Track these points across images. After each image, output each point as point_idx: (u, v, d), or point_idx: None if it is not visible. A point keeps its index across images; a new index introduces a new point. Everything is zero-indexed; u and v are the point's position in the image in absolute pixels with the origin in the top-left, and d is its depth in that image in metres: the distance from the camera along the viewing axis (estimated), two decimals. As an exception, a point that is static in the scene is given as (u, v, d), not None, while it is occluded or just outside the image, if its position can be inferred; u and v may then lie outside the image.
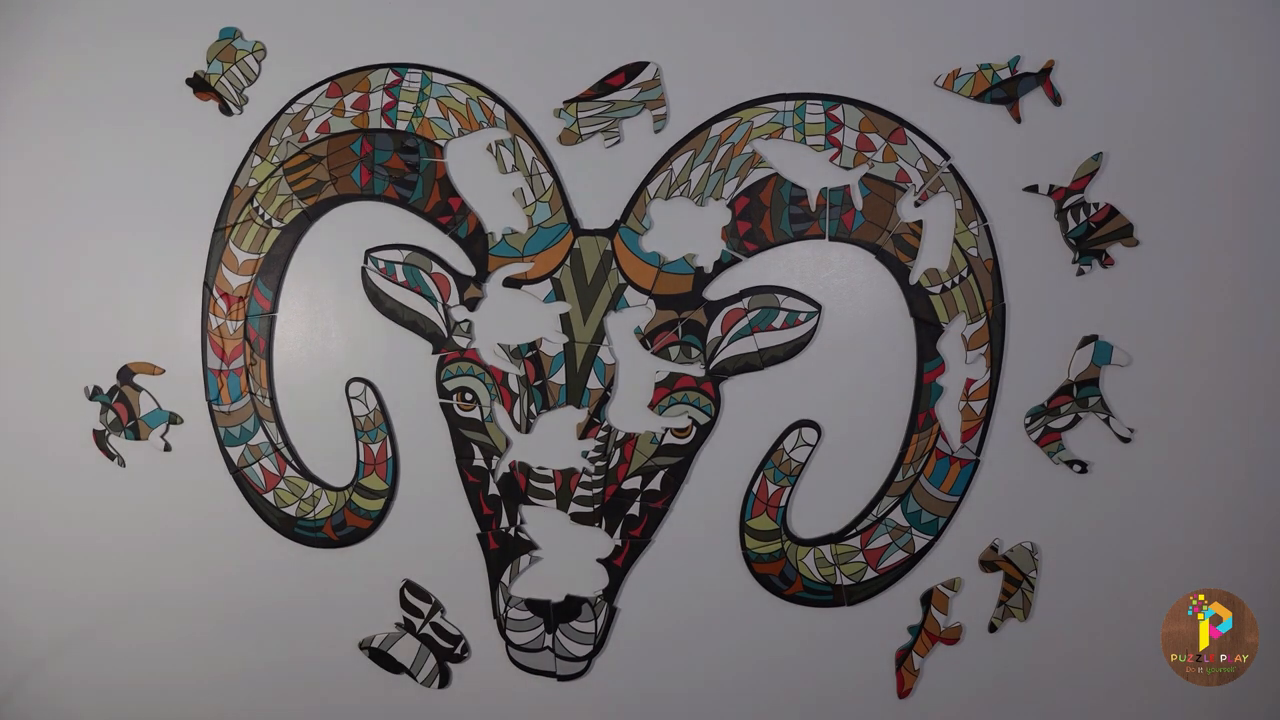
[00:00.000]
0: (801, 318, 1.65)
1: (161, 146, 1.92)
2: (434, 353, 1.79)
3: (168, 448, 1.96)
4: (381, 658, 1.91)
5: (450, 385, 1.79)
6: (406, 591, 1.88)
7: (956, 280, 1.59)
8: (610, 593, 1.78)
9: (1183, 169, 1.52)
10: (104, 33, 1.95)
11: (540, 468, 1.77)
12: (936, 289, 1.60)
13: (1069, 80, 1.54)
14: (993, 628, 1.65)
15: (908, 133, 1.59)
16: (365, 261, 1.80)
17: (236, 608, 1.98)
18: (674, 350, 1.69)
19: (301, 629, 1.95)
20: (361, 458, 1.86)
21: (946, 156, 1.58)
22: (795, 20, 1.64)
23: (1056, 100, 1.54)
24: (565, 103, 1.70)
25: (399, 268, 1.78)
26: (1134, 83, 1.53)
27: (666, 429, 1.71)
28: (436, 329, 1.78)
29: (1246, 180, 1.52)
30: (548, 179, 1.72)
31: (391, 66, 1.79)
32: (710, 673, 1.79)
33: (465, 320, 1.76)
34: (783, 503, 1.70)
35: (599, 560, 1.77)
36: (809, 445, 1.67)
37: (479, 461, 1.79)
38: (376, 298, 1.80)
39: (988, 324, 1.59)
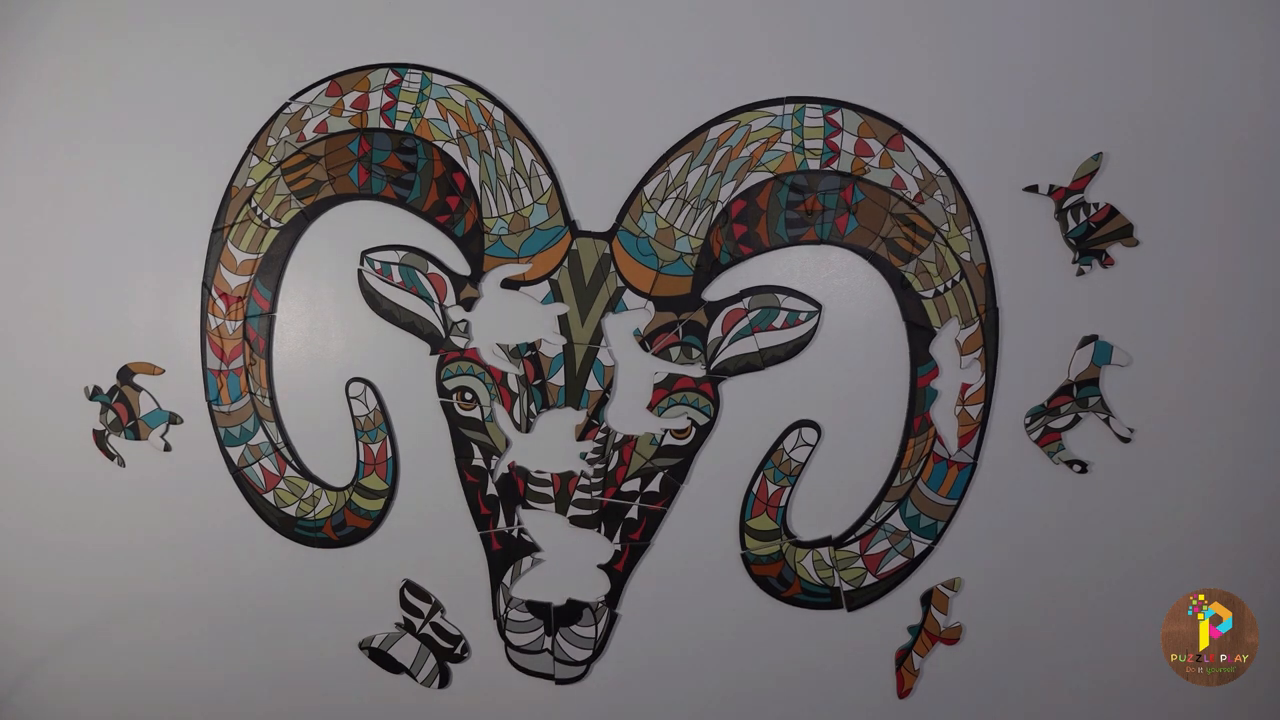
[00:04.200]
0: (802, 317, 1.64)
1: (159, 146, 1.92)
2: (432, 353, 1.79)
3: (168, 448, 1.96)
4: (381, 658, 1.92)
5: (450, 384, 1.79)
6: (406, 591, 1.88)
7: (949, 285, 1.59)
8: (612, 599, 1.78)
9: (1183, 169, 1.52)
10: (103, 32, 1.94)
11: (539, 471, 1.76)
12: (929, 293, 1.60)
13: (1069, 80, 1.54)
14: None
15: (906, 139, 1.58)
16: (361, 263, 1.79)
17: (236, 608, 1.99)
18: (675, 351, 1.69)
19: (301, 629, 1.96)
20: (361, 458, 1.86)
21: (944, 166, 1.58)
22: (794, 23, 1.63)
23: None
24: None
25: (395, 269, 1.78)
26: (1134, 83, 1.52)
27: (666, 430, 1.71)
28: (434, 329, 1.78)
29: (1246, 180, 1.51)
30: (546, 181, 1.71)
31: (391, 66, 1.79)
32: (709, 675, 1.79)
33: (463, 320, 1.76)
34: (783, 503, 1.69)
35: (599, 566, 1.77)
36: (809, 445, 1.67)
37: (478, 461, 1.79)
38: (373, 299, 1.80)
39: (981, 329, 1.59)
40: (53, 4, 1.97)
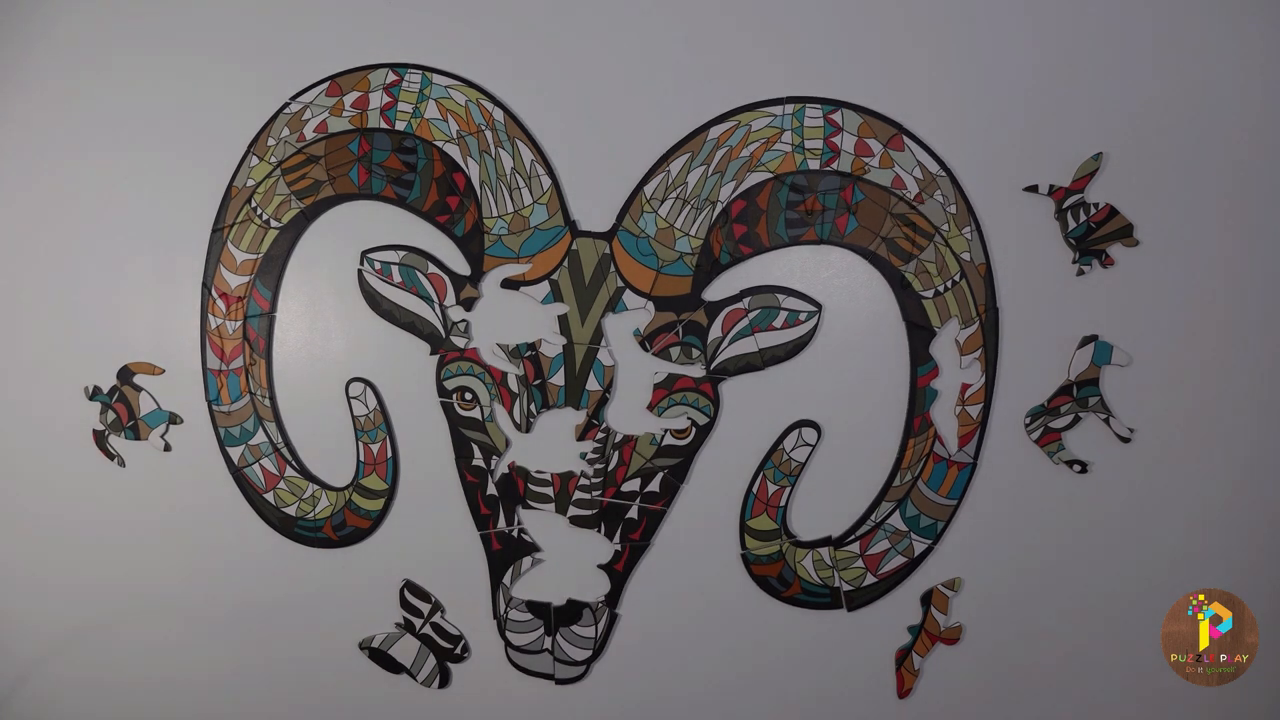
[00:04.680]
0: (802, 317, 1.64)
1: (159, 146, 1.91)
2: (432, 353, 1.79)
3: (168, 448, 1.96)
4: (381, 658, 1.92)
5: (450, 384, 1.79)
6: (406, 591, 1.88)
7: (949, 285, 1.59)
8: (612, 599, 1.78)
9: (1182, 169, 1.51)
10: (103, 32, 1.94)
11: (539, 471, 1.76)
12: (929, 293, 1.60)
13: (1069, 80, 1.53)
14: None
15: (906, 139, 1.58)
16: (361, 263, 1.79)
17: (236, 608, 1.99)
18: (675, 351, 1.69)
19: (301, 629, 1.96)
20: (361, 458, 1.86)
21: (944, 166, 1.58)
22: (794, 23, 1.63)
23: None
24: None
25: (395, 269, 1.78)
26: (1134, 83, 1.52)
27: (666, 430, 1.71)
28: (434, 329, 1.78)
29: (1246, 180, 1.51)
30: (546, 181, 1.71)
31: (391, 66, 1.79)
32: (709, 676, 1.79)
33: (463, 320, 1.76)
34: (783, 503, 1.69)
35: (599, 566, 1.77)
36: (809, 445, 1.67)
37: (478, 461, 1.79)
38: (373, 299, 1.80)
39: (981, 329, 1.59)
40: (54, 5, 1.97)
